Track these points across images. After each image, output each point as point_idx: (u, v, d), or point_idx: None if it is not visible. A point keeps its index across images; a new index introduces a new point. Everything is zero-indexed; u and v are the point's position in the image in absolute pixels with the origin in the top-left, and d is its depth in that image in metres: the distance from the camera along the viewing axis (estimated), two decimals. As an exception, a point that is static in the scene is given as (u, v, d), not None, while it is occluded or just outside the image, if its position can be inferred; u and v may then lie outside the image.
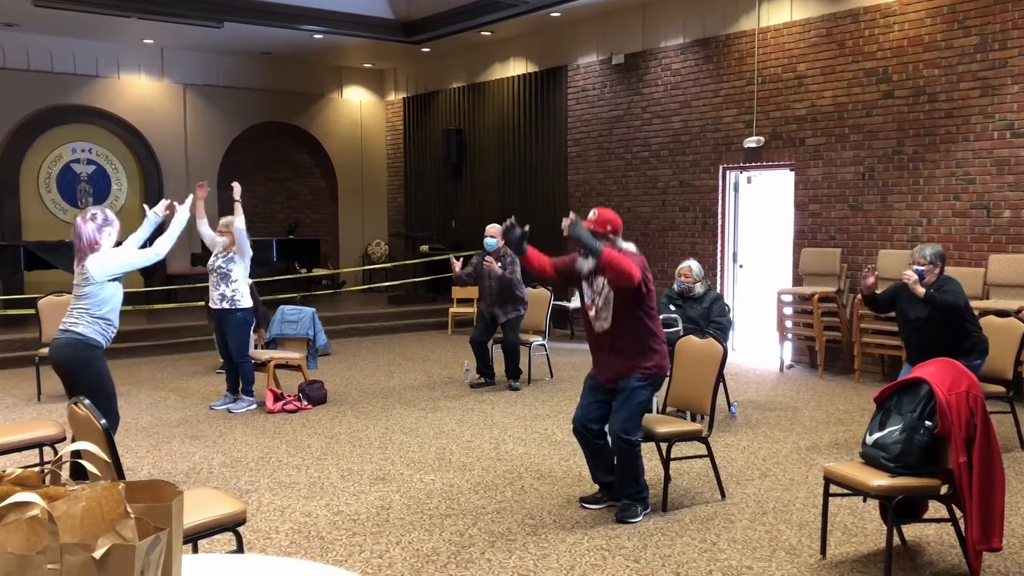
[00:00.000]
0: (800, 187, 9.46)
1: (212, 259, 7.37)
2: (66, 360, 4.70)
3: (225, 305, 7.25)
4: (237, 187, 7.32)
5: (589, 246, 4.47)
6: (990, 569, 3.98)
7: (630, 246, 4.76)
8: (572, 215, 4.50)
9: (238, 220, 7.17)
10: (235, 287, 7.25)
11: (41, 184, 12.96)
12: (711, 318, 6.84)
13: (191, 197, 5.54)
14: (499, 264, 7.82)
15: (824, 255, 9.12)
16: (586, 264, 4.71)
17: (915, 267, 5.70)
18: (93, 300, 4.69)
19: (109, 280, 4.72)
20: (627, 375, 4.66)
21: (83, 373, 4.69)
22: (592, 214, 4.73)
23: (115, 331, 4.83)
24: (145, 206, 5.45)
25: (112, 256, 4.73)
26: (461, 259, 8.17)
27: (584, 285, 4.79)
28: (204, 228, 7.45)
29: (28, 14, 10.86)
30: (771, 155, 9.67)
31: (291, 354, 7.97)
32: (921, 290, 5.57)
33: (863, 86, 8.81)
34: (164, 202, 5.24)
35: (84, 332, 4.68)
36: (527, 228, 4.63)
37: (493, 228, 8.02)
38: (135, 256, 4.87)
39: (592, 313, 4.73)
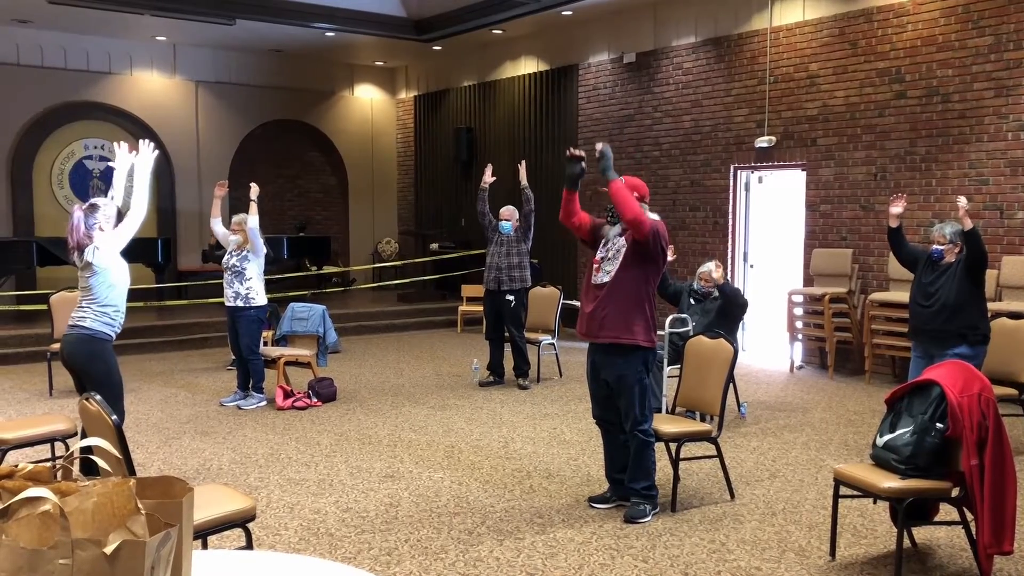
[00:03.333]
0: (811, 187, 9.42)
1: (227, 257, 7.41)
2: (76, 355, 4.74)
3: (239, 303, 7.30)
4: (255, 188, 7.41)
5: (608, 169, 4.71)
6: (1001, 573, 3.96)
7: (654, 216, 4.79)
8: (602, 144, 4.78)
9: (251, 219, 7.22)
10: (249, 285, 7.29)
11: (54, 180, 13.02)
12: (728, 303, 6.82)
13: (147, 149, 4.91)
14: (514, 234, 8.18)
15: (835, 256, 9.08)
16: (612, 230, 4.78)
17: (935, 246, 5.66)
18: (98, 290, 4.72)
19: (115, 262, 4.73)
20: (606, 340, 4.65)
21: (92, 367, 4.72)
22: None
23: (123, 317, 4.84)
24: (110, 164, 5.16)
25: (112, 239, 4.73)
26: (494, 179, 8.40)
27: (601, 245, 4.83)
28: (217, 226, 7.55)
29: (41, 11, 10.91)
30: (783, 155, 9.63)
31: (301, 351, 8.00)
32: (969, 222, 5.51)
33: (876, 86, 8.77)
34: (120, 150, 4.88)
35: (92, 326, 4.70)
36: (584, 167, 4.81)
37: (507, 211, 8.21)
38: (127, 229, 4.78)
39: (596, 266, 4.76)
